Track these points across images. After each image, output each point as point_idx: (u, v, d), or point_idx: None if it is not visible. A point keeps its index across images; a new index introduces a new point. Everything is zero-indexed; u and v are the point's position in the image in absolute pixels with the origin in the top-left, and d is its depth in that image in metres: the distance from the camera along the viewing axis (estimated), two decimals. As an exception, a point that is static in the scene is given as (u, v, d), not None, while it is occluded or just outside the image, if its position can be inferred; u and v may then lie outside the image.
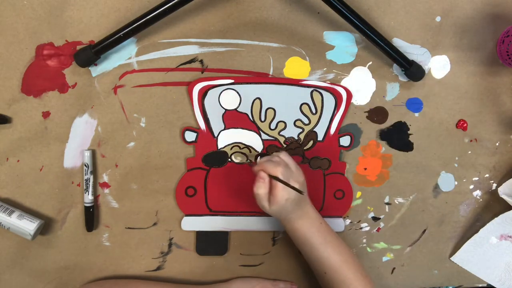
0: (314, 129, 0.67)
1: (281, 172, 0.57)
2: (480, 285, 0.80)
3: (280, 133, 0.67)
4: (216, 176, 0.67)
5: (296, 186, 0.58)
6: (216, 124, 0.65)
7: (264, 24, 0.63)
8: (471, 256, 0.77)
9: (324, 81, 0.66)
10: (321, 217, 0.63)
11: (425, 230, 0.75)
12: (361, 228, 0.73)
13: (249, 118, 0.66)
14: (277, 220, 0.63)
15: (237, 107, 0.65)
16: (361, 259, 0.74)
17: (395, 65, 0.67)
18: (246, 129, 0.66)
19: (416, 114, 0.70)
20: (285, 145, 0.67)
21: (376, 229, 0.74)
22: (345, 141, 0.69)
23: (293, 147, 0.68)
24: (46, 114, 0.61)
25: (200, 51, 0.62)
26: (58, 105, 0.61)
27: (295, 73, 0.65)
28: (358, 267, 0.62)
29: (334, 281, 0.61)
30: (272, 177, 0.57)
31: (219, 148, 0.66)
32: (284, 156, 0.60)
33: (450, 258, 0.77)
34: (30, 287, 0.67)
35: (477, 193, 0.75)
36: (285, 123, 0.66)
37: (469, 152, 0.73)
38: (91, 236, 0.66)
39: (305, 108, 0.66)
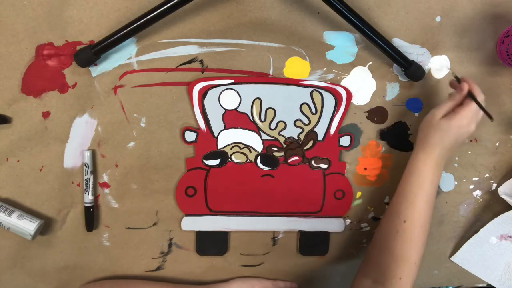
0: (314, 129, 0.67)
1: (482, 100, 0.58)
2: (480, 285, 0.80)
3: (280, 133, 0.67)
4: (216, 176, 0.67)
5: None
6: (216, 124, 0.65)
7: (264, 24, 0.63)
8: (471, 256, 0.77)
9: (324, 81, 0.66)
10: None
11: (425, 230, 0.75)
12: (361, 228, 0.73)
13: (249, 118, 0.66)
14: (418, 142, 0.62)
15: (237, 107, 0.65)
16: (362, 259, 0.74)
17: (395, 65, 0.67)
18: (246, 129, 0.66)
19: (416, 114, 0.70)
20: (285, 145, 0.67)
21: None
22: (345, 141, 0.69)
23: (293, 147, 0.68)
24: (46, 114, 0.61)
25: (200, 51, 0.62)
26: (58, 105, 0.61)
27: (295, 73, 0.65)
28: (424, 245, 0.60)
29: (404, 236, 0.59)
30: (472, 97, 0.57)
31: (219, 148, 0.66)
32: (482, 99, 0.60)
33: (450, 258, 0.77)
34: (30, 287, 0.67)
35: (477, 193, 0.75)
36: (285, 123, 0.66)
37: (469, 152, 0.73)
38: (91, 236, 0.66)
39: (305, 108, 0.66)
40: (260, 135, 0.67)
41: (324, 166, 0.69)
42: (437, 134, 0.59)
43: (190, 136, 0.65)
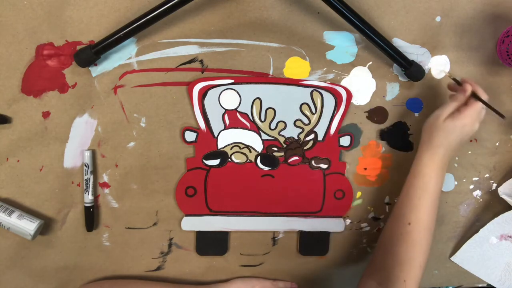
0: (314, 129, 0.67)
1: (486, 99, 0.59)
2: (480, 285, 0.80)
3: (280, 133, 0.67)
4: (216, 176, 0.67)
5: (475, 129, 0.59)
6: (216, 124, 0.65)
7: (264, 24, 0.63)
8: (471, 256, 0.77)
9: (324, 81, 0.66)
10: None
11: (425, 230, 0.75)
12: (361, 228, 0.73)
13: (249, 118, 0.66)
14: (423, 143, 0.61)
15: (237, 107, 0.65)
16: (362, 260, 0.74)
17: (395, 65, 0.67)
18: (246, 129, 0.66)
19: (416, 114, 0.70)
20: (285, 145, 0.67)
21: (376, 229, 0.74)
22: (345, 141, 0.69)
23: (293, 147, 0.68)
24: (46, 114, 0.61)
25: (200, 51, 0.62)
26: (58, 105, 0.61)
27: (295, 73, 0.65)
28: (429, 248, 0.60)
29: (408, 238, 0.59)
30: (476, 97, 0.58)
31: (219, 148, 0.66)
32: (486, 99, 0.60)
33: (450, 258, 0.77)
34: (30, 287, 0.67)
35: (477, 193, 0.75)
36: (285, 123, 0.66)
37: (469, 152, 0.73)
38: (91, 236, 0.66)
39: (305, 108, 0.66)
40: (260, 135, 0.67)
41: (324, 166, 0.69)
42: (441, 135, 0.59)
43: (190, 136, 0.65)
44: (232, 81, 0.64)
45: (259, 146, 0.67)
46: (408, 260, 0.59)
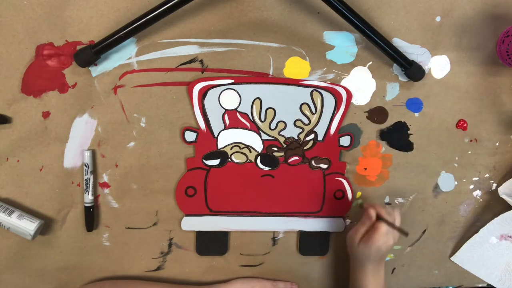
0: (314, 129, 0.67)
1: (394, 220, 0.63)
2: (480, 285, 0.80)
3: (280, 133, 0.67)
4: (216, 176, 0.67)
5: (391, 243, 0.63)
6: (216, 124, 0.65)
7: (264, 24, 0.63)
8: (471, 256, 0.77)
9: (324, 81, 0.66)
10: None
11: (425, 230, 0.75)
12: (361, 228, 0.73)
13: (249, 118, 0.66)
14: (351, 259, 0.67)
15: (237, 107, 0.65)
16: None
17: (395, 65, 0.67)
18: (246, 129, 0.66)
19: (416, 114, 0.70)
20: (285, 145, 0.67)
21: (376, 229, 0.74)
22: (345, 141, 0.69)
23: (293, 147, 0.68)
24: (46, 114, 0.61)
25: (200, 51, 0.62)
26: (58, 105, 0.61)
27: (295, 73, 0.65)
28: None
29: None
30: (381, 219, 0.62)
31: (219, 148, 0.66)
32: (397, 215, 0.65)
33: (450, 258, 0.77)
34: (30, 287, 0.67)
35: (477, 193, 0.75)
36: (285, 123, 0.66)
37: (469, 152, 0.73)
38: (91, 236, 0.66)
39: (305, 108, 0.66)
40: (260, 135, 0.67)
41: (324, 166, 0.69)
42: (361, 256, 0.64)
43: (190, 136, 0.65)
44: (232, 81, 0.64)
45: (259, 146, 0.67)
46: None
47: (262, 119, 0.66)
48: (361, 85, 0.67)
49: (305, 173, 0.69)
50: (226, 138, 0.66)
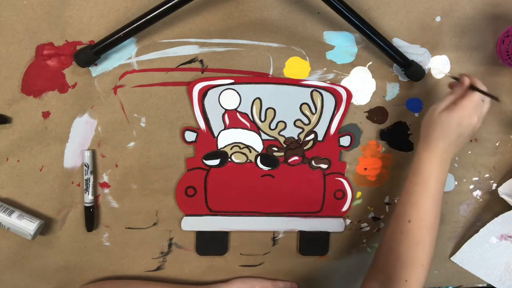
0: (314, 129, 0.67)
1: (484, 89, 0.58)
2: (480, 285, 0.80)
3: (280, 133, 0.67)
4: (216, 176, 0.67)
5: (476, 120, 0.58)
6: (216, 124, 0.65)
7: (264, 24, 0.63)
8: (471, 256, 0.77)
9: (324, 81, 0.66)
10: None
11: (425, 230, 0.75)
12: (361, 228, 0.73)
13: (249, 118, 0.66)
14: (421, 140, 0.61)
15: (237, 107, 0.65)
16: (362, 260, 0.74)
17: (395, 65, 0.67)
18: (246, 129, 0.66)
19: (416, 114, 0.70)
20: (285, 145, 0.67)
21: (376, 229, 0.74)
22: (345, 141, 0.69)
23: (293, 147, 0.68)
24: (46, 114, 0.61)
25: (200, 51, 0.62)
26: (58, 105, 0.61)
27: (295, 73, 0.65)
28: (432, 247, 0.59)
29: (409, 237, 0.58)
30: (474, 88, 0.57)
31: (219, 148, 0.66)
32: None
33: (450, 258, 0.77)
34: (30, 287, 0.67)
35: (477, 193, 0.75)
36: (285, 123, 0.66)
37: (469, 152, 0.73)
38: (91, 236, 0.66)
39: (305, 108, 0.66)
40: (260, 135, 0.67)
41: (324, 166, 0.69)
42: (438, 128, 0.58)
43: (190, 136, 0.65)
44: (232, 81, 0.64)
45: (259, 146, 0.67)
46: (409, 259, 0.58)
47: (262, 119, 0.66)
48: (361, 85, 0.67)
49: (305, 173, 0.69)
50: (226, 138, 0.66)
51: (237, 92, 0.64)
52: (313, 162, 0.69)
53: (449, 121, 0.57)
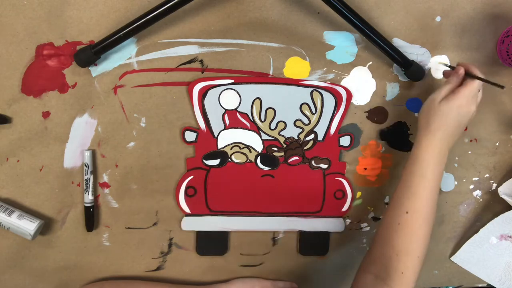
0: (314, 129, 0.67)
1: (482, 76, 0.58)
2: (480, 285, 0.80)
3: (280, 133, 0.67)
4: (216, 176, 0.67)
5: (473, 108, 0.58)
6: (216, 124, 0.65)
7: (264, 24, 0.63)
8: (471, 256, 0.77)
9: (324, 81, 0.66)
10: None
11: (425, 230, 0.75)
12: (361, 228, 0.73)
13: (249, 118, 0.66)
14: (420, 128, 0.60)
15: (237, 107, 0.65)
16: (361, 259, 0.74)
17: (395, 65, 0.67)
18: (246, 129, 0.66)
19: (416, 114, 0.70)
20: (285, 145, 0.67)
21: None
22: (345, 141, 0.69)
23: (293, 147, 0.68)
24: (46, 114, 0.61)
25: (200, 51, 0.62)
26: (58, 105, 0.61)
27: (295, 73, 0.65)
28: (428, 239, 0.58)
29: (406, 228, 0.57)
30: (470, 75, 0.57)
31: (219, 148, 0.66)
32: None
33: (450, 258, 0.77)
34: (30, 287, 0.67)
35: (477, 193, 0.75)
36: (285, 123, 0.66)
37: (469, 152, 0.73)
38: (91, 236, 0.66)
39: (305, 108, 0.66)
40: (260, 135, 0.67)
41: (324, 166, 0.69)
42: (437, 117, 0.58)
43: (190, 136, 0.65)
44: (232, 81, 0.64)
45: (259, 146, 0.67)
46: (405, 251, 0.57)
47: (262, 119, 0.66)
48: (361, 85, 0.67)
49: (305, 173, 0.69)
50: (226, 138, 0.66)
51: (237, 92, 0.64)
52: (313, 162, 0.69)
53: (449, 110, 0.57)
